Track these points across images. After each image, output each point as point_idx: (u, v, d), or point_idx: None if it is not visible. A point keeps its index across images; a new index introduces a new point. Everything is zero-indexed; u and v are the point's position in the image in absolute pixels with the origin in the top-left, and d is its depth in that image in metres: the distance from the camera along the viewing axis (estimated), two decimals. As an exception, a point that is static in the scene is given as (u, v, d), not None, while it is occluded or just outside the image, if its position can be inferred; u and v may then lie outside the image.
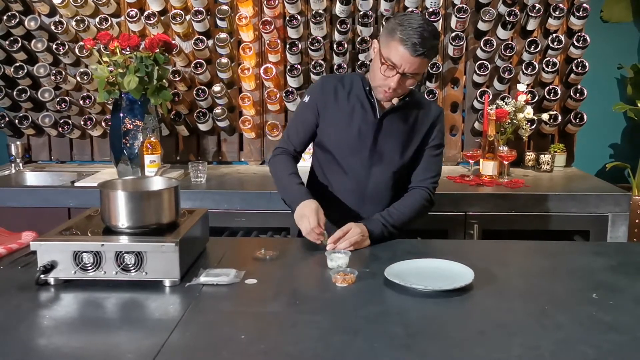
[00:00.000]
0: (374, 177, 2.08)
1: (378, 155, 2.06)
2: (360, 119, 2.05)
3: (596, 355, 1.21)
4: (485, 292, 1.53)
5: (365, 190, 2.09)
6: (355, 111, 2.05)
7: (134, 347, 1.25)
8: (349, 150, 2.07)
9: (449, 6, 3.26)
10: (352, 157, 2.07)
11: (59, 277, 1.56)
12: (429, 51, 1.88)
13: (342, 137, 2.07)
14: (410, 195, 2.08)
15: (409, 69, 1.89)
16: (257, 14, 3.31)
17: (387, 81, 1.92)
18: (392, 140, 2.06)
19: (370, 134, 2.05)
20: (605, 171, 3.82)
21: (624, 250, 2.00)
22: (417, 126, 2.08)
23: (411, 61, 1.87)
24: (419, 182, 2.10)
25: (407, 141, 2.07)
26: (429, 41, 1.86)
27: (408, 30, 1.84)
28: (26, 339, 1.29)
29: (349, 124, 2.05)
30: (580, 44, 3.17)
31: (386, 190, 2.10)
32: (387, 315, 1.40)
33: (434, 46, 1.89)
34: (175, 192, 1.70)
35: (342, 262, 1.67)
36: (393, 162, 2.07)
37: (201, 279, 1.58)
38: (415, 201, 2.06)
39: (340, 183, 2.11)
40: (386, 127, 2.05)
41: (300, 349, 1.24)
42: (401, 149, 2.07)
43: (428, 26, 1.88)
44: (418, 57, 1.86)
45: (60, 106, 3.34)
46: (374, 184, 2.08)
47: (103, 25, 3.25)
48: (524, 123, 3.06)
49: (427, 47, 1.86)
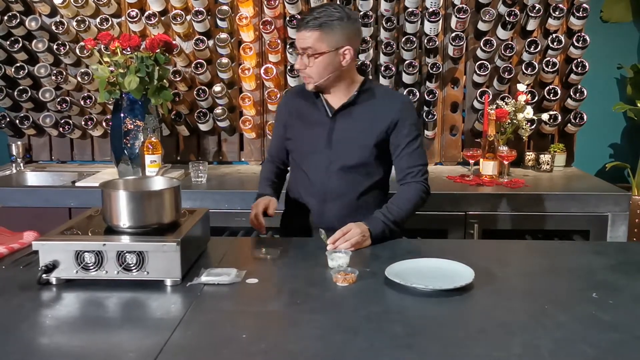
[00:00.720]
0: (333, 176, 2.07)
1: (335, 155, 2.06)
2: (315, 122, 2.08)
3: (596, 354, 1.21)
4: (485, 292, 1.53)
5: (327, 190, 2.08)
6: (310, 114, 2.10)
7: (135, 347, 1.25)
8: (307, 152, 2.10)
9: (449, 6, 3.27)
10: (311, 159, 2.09)
11: (61, 277, 1.57)
12: (314, 22, 1.92)
13: (300, 141, 2.13)
14: (405, 190, 2.05)
15: (299, 44, 1.97)
16: (257, 14, 3.32)
17: (296, 66, 2.03)
18: (347, 138, 2.05)
19: (324, 134, 2.06)
20: (605, 171, 3.83)
21: (624, 249, 2.00)
22: (375, 122, 2.03)
23: (300, 37, 1.96)
24: (409, 177, 2.06)
25: (365, 138, 2.04)
26: (315, 16, 1.92)
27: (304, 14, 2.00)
28: (28, 339, 1.30)
29: (306, 128, 2.10)
30: (580, 44, 3.18)
31: (349, 189, 2.07)
32: (387, 314, 1.40)
33: (320, 17, 1.93)
34: (177, 192, 1.71)
35: (343, 262, 1.68)
36: (350, 159, 2.05)
37: (202, 279, 1.58)
38: (412, 195, 2.04)
39: (305, 186, 2.13)
40: (340, 125, 2.05)
41: (301, 348, 1.24)
42: (358, 146, 2.04)
43: (327, 7, 1.95)
44: (303, 31, 1.94)
45: (61, 106, 3.34)
46: (335, 183, 2.07)
47: (104, 25, 3.25)
48: (523, 123, 3.06)
49: (308, 20, 1.93)
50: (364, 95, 2.05)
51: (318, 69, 1.98)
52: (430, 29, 3.20)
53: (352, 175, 2.06)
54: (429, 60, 3.27)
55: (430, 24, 3.17)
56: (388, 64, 3.23)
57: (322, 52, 1.94)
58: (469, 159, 3.06)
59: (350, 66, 2.02)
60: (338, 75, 2.01)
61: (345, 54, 1.97)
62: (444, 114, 3.42)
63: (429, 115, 3.26)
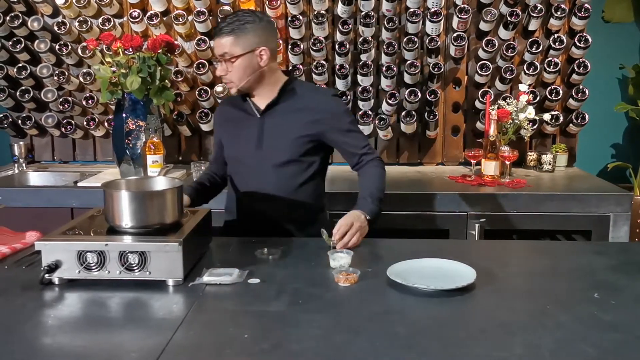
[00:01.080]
0: (268, 175, 2.11)
1: (266, 153, 2.10)
2: (245, 125, 2.13)
3: (597, 354, 1.21)
4: (486, 292, 1.54)
5: (264, 189, 2.11)
6: (240, 119, 2.15)
7: (137, 346, 1.26)
8: (241, 155, 2.14)
9: (450, 6, 3.27)
10: (245, 161, 2.13)
11: (63, 277, 1.57)
12: (225, 30, 1.98)
13: (234, 145, 2.17)
14: (369, 171, 2.12)
15: (218, 52, 2.02)
16: (259, 14, 3.32)
17: (217, 73, 2.08)
18: (276, 136, 2.09)
19: (255, 134, 2.10)
20: (607, 171, 3.82)
21: (626, 250, 2.01)
22: (303, 117, 2.08)
23: (216, 44, 2.02)
24: (363, 159, 2.13)
25: (293, 134, 2.08)
26: (229, 23, 1.99)
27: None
28: (31, 338, 1.30)
29: (238, 131, 2.15)
30: (581, 44, 3.18)
31: (284, 186, 2.11)
32: (389, 314, 1.40)
33: (232, 23, 1.98)
34: (179, 192, 1.71)
35: (345, 262, 1.68)
36: (282, 156, 2.09)
37: (204, 279, 1.59)
38: (376, 173, 2.12)
39: (243, 189, 2.16)
40: (268, 124, 2.10)
41: (303, 348, 1.25)
42: (288, 143, 2.09)
43: (237, 14, 2.02)
44: (218, 38, 2.00)
45: (63, 106, 3.35)
46: (270, 181, 2.10)
47: (106, 25, 3.26)
48: (525, 123, 3.06)
49: (222, 27, 1.99)
50: (288, 93, 2.10)
51: (238, 72, 2.03)
52: (432, 29, 3.20)
53: (286, 171, 2.10)
54: (430, 60, 3.27)
55: (432, 24, 3.17)
56: (390, 64, 3.23)
57: (238, 55, 2.00)
58: (470, 159, 3.06)
59: (271, 67, 2.08)
60: (259, 76, 2.06)
61: (261, 54, 2.03)
62: (446, 114, 3.42)
63: (430, 115, 3.26)
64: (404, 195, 2.76)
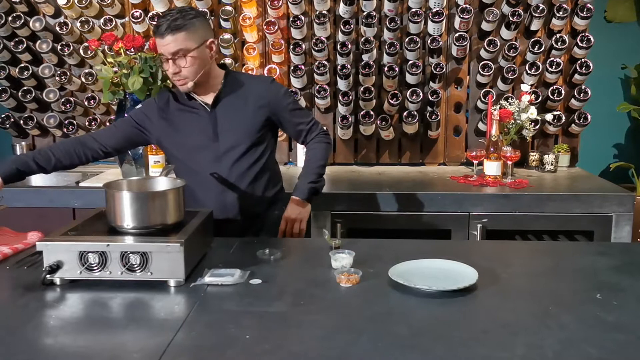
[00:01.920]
0: (226, 166, 2.12)
1: (223, 145, 2.11)
2: (194, 121, 2.12)
3: (600, 355, 1.21)
4: (489, 292, 1.53)
5: (223, 180, 2.13)
6: (188, 116, 2.13)
7: (139, 347, 1.26)
8: (194, 150, 2.14)
9: (452, 6, 3.26)
10: (200, 156, 2.13)
11: (65, 277, 1.57)
12: (171, 27, 1.96)
13: (182, 143, 2.15)
14: (312, 148, 2.24)
15: (167, 51, 1.99)
16: (260, 14, 3.32)
17: (169, 72, 2.04)
18: (230, 126, 2.12)
19: (208, 128, 2.11)
20: (609, 171, 3.82)
21: (628, 250, 2.00)
22: (251, 105, 2.13)
23: (164, 43, 1.98)
24: (310, 135, 2.24)
25: (246, 122, 2.13)
26: (169, 20, 1.97)
27: (155, 24, 2.02)
28: (33, 339, 1.30)
29: (186, 129, 2.13)
30: (584, 44, 3.17)
31: (243, 175, 2.14)
32: (391, 315, 1.40)
33: (174, 20, 1.97)
34: (180, 192, 1.71)
35: (346, 263, 1.68)
36: (238, 146, 2.12)
37: (206, 279, 1.58)
38: (321, 149, 2.23)
39: (197, 181, 2.14)
40: (221, 116, 2.12)
41: (305, 348, 1.24)
42: (242, 132, 2.12)
43: (172, 12, 2.00)
44: (166, 36, 1.97)
45: (65, 107, 3.35)
46: (229, 172, 2.13)
47: (107, 26, 3.26)
48: (527, 123, 3.06)
49: (166, 26, 1.96)
50: (231, 84, 2.13)
51: (193, 67, 2.03)
52: (434, 29, 3.20)
53: (243, 161, 2.13)
54: (432, 60, 3.27)
55: (434, 24, 3.17)
56: (391, 64, 3.23)
57: (193, 48, 2.01)
58: (472, 160, 3.06)
59: (213, 60, 2.11)
60: (207, 70, 2.08)
61: (211, 46, 2.07)
62: (448, 114, 3.42)
63: (432, 115, 3.26)
64: (405, 196, 2.76)
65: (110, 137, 2.19)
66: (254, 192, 2.17)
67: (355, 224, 2.75)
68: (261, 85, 2.18)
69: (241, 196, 2.14)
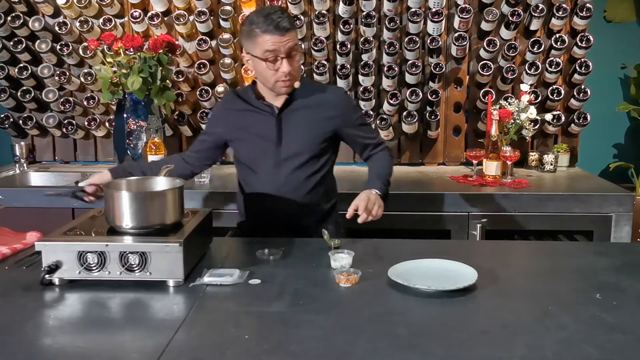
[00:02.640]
0: (285, 173, 2.10)
1: (285, 151, 2.09)
2: (261, 123, 2.10)
3: (599, 355, 1.21)
4: (488, 293, 1.53)
5: (281, 186, 2.10)
6: (255, 117, 2.11)
7: (138, 347, 1.26)
8: (258, 154, 2.13)
9: (452, 6, 3.26)
10: (262, 159, 2.12)
11: (64, 277, 1.57)
12: (289, 23, 1.95)
13: (246, 145, 2.14)
14: (379, 158, 2.21)
15: (288, 47, 1.95)
16: (260, 14, 3.31)
17: (279, 72, 1.98)
18: (296, 133, 2.09)
19: (273, 132, 2.09)
20: (608, 171, 3.82)
21: (628, 250, 2.00)
22: (320, 114, 2.10)
23: (284, 40, 1.94)
24: (374, 150, 2.22)
25: (313, 130, 2.10)
26: (283, 16, 1.94)
27: (261, 21, 1.93)
28: (31, 339, 1.30)
29: (252, 130, 2.12)
30: (583, 44, 3.17)
31: (301, 182, 2.11)
32: (390, 315, 1.40)
33: (288, 17, 1.96)
34: (180, 192, 1.71)
35: (346, 262, 1.68)
36: (300, 153, 2.09)
37: (205, 279, 1.58)
38: (386, 159, 2.22)
39: (256, 185, 2.15)
40: (286, 121, 2.09)
41: (304, 348, 1.24)
42: (307, 140, 2.09)
43: (271, 9, 1.97)
44: (287, 33, 1.94)
45: (64, 107, 3.35)
46: (287, 179, 2.10)
47: (107, 26, 3.26)
48: (527, 123, 3.06)
49: (285, 21, 1.94)
50: (303, 90, 2.09)
51: (300, 65, 2.05)
52: (433, 29, 3.20)
53: (302, 171, 2.10)
54: (432, 60, 3.27)
55: (433, 24, 3.17)
56: (391, 64, 3.23)
57: (300, 48, 2.01)
58: (472, 159, 3.05)
59: None
60: None
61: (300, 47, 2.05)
62: (447, 114, 3.42)
63: (432, 115, 3.26)
64: (405, 196, 2.75)
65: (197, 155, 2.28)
66: (308, 204, 2.12)
67: (354, 224, 2.74)
68: (333, 95, 2.15)
69: (294, 206, 2.10)
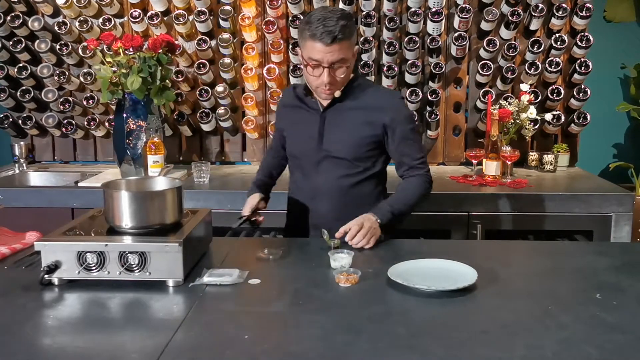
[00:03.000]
0: (324, 172, 2.07)
1: (325, 151, 2.05)
2: (306, 119, 2.08)
3: (599, 355, 1.21)
4: (488, 292, 1.53)
5: (317, 186, 2.08)
6: (302, 113, 2.10)
7: (138, 347, 1.25)
8: (299, 150, 2.12)
9: (451, 6, 3.26)
10: (303, 157, 2.11)
11: (63, 277, 1.57)
12: (341, 34, 1.84)
13: (293, 141, 2.14)
14: (411, 182, 2.06)
15: (331, 59, 1.87)
16: (259, 14, 3.32)
17: (319, 79, 1.92)
18: (338, 134, 2.03)
19: (315, 130, 2.06)
20: (608, 171, 3.82)
21: (628, 250, 2.00)
22: (369, 117, 2.01)
23: (329, 50, 1.85)
24: (412, 171, 2.06)
25: (357, 133, 2.02)
26: (337, 24, 1.84)
27: (314, 25, 1.85)
28: (31, 339, 1.30)
29: (298, 126, 2.11)
30: (583, 44, 3.17)
31: (339, 185, 2.07)
32: (390, 315, 1.40)
33: (344, 27, 1.85)
34: (179, 192, 1.71)
35: (345, 262, 1.68)
36: (342, 156, 2.04)
37: (204, 279, 1.58)
38: (417, 187, 2.05)
39: (298, 182, 2.16)
40: (330, 121, 2.04)
41: (304, 348, 1.24)
42: (349, 142, 2.03)
43: (331, 13, 1.86)
44: (333, 44, 1.84)
45: (64, 106, 3.34)
46: (325, 179, 2.07)
47: (106, 25, 3.26)
48: (527, 123, 3.06)
49: (337, 31, 1.83)
50: (352, 91, 2.02)
51: (346, 76, 1.95)
52: (433, 29, 3.19)
53: (343, 170, 2.06)
54: (431, 60, 3.26)
55: (433, 24, 3.17)
56: (391, 63, 3.23)
57: (350, 58, 1.91)
58: (471, 159, 3.05)
59: None
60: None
61: (356, 52, 1.97)
62: (447, 114, 3.41)
63: (431, 115, 3.26)
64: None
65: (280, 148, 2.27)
66: (343, 207, 2.04)
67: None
68: (386, 100, 2.04)
69: (330, 208, 2.05)
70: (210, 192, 2.82)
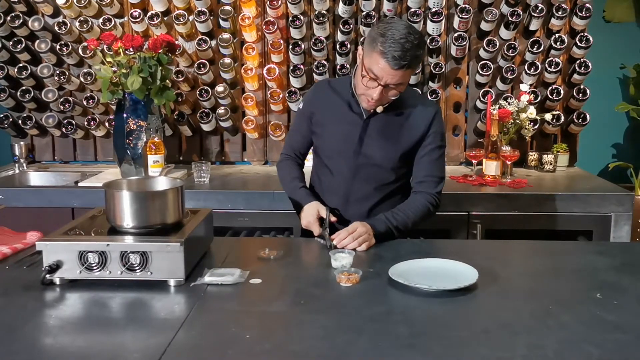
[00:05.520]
0: (359, 178, 2.07)
1: (363, 157, 2.05)
2: (347, 121, 2.05)
3: (600, 354, 1.21)
4: (489, 292, 1.53)
5: (350, 191, 2.08)
6: (342, 113, 2.06)
7: (139, 347, 1.26)
8: (335, 151, 2.09)
9: (451, 6, 3.26)
10: (338, 159, 2.08)
11: (65, 277, 1.57)
12: (411, 63, 1.82)
13: (329, 140, 2.10)
14: (415, 200, 2.06)
15: (390, 81, 1.85)
16: (260, 14, 3.32)
17: (369, 91, 1.90)
18: (379, 142, 2.03)
19: (355, 135, 2.04)
20: (608, 171, 3.82)
21: (627, 250, 2.00)
22: (409, 127, 2.03)
23: (392, 74, 1.83)
24: (422, 186, 2.07)
25: (397, 142, 2.03)
26: (411, 52, 1.80)
27: (389, 43, 1.79)
28: (32, 339, 1.30)
29: (336, 126, 2.07)
30: (583, 44, 3.18)
31: (371, 192, 2.08)
32: (391, 314, 1.40)
33: (416, 57, 1.83)
34: (180, 192, 1.71)
35: (346, 262, 1.68)
36: (380, 163, 2.05)
37: (206, 279, 1.58)
38: (420, 205, 2.04)
39: (328, 185, 2.13)
40: (372, 128, 2.03)
41: (305, 348, 1.24)
42: (389, 151, 2.04)
43: (411, 36, 1.80)
44: (399, 70, 1.82)
45: (64, 106, 3.35)
46: (359, 185, 2.07)
47: (106, 25, 3.26)
48: (526, 123, 3.06)
49: (408, 60, 1.80)
50: (397, 101, 1.99)
51: (393, 96, 1.93)
52: (433, 29, 3.20)
53: (377, 178, 2.06)
54: (431, 60, 3.27)
55: (433, 24, 3.17)
56: (391, 64, 3.23)
57: (406, 82, 1.89)
58: (471, 159, 3.06)
59: None
60: None
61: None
62: (447, 114, 3.42)
63: (431, 115, 3.26)
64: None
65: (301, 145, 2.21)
66: (374, 213, 2.05)
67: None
68: (427, 111, 2.03)
69: (358, 217, 2.03)
70: (210, 192, 2.82)
